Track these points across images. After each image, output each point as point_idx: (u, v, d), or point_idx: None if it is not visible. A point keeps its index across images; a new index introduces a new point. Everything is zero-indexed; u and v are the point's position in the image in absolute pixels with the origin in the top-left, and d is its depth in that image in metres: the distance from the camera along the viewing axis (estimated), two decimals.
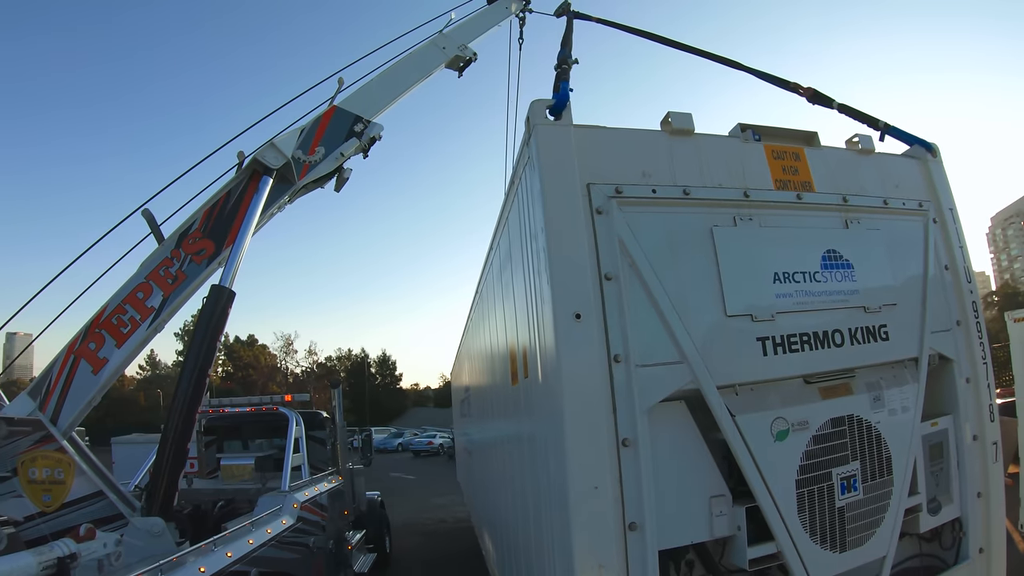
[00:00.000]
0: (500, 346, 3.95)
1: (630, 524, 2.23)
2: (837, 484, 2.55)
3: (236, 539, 3.97)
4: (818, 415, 2.59)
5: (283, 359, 68.26)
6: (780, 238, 2.76)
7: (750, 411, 2.48)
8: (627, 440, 2.28)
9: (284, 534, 4.77)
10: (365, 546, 8.24)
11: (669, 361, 2.42)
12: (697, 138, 2.80)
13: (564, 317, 2.29)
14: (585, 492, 2.19)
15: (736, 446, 2.42)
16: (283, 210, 5.54)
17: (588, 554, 2.16)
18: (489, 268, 4.39)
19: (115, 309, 4.29)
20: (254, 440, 7.74)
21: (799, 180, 2.91)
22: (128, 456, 13.15)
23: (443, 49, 6.78)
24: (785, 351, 2.62)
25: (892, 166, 3.16)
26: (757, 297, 2.62)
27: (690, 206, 2.66)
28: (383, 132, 6.02)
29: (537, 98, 2.61)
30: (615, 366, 2.33)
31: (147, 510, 3.93)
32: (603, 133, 2.65)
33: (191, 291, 4.53)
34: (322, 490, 6.34)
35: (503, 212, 3.60)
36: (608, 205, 2.50)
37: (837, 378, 2.70)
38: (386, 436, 39.04)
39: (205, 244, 4.61)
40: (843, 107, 3.58)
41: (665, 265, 2.52)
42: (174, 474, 4.00)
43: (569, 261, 2.36)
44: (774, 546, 2.42)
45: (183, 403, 4.04)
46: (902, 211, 3.04)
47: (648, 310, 2.44)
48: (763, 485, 2.42)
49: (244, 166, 4.93)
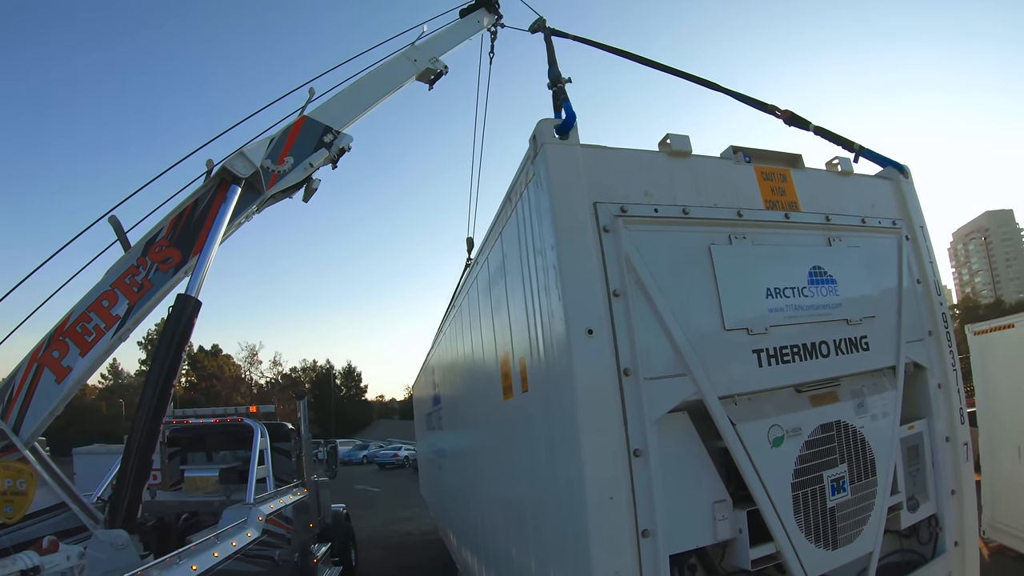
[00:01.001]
0: (487, 360, 3.96)
1: (643, 531, 2.33)
2: (828, 486, 2.72)
3: (201, 552, 4.00)
4: (809, 422, 2.75)
5: (248, 369, 68.16)
6: (771, 255, 2.93)
7: (749, 420, 2.62)
8: (638, 450, 2.38)
9: (249, 547, 4.78)
10: (330, 559, 8.19)
11: (674, 374, 2.53)
12: (694, 159, 2.94)
13: (577, 333, 2.38)
14: (601, 502, 2.27)
15: (737, 453, 2.55)
16: (251, 219, 5.55)
17: (605, 562, 2.24)
18: (474, 282, 4.41)
19: (79, 317, 4.25)
20: (218, 452, 7.67)
21: (786, 200, 3.09)
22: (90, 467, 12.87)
23: (414, 61, 6.89)
24: (778, 362, 2.78)
25: (868, 186, 3.39)
26: (752, 311, 2.77)
27: (689, 225, 2.80)
28: (352, 143, 6.08)
29: (544, 117, 2.71)
30: (625, 379, 2.43)
31: (111, 522, 3.90)
32: (607, 153, 2.76)
33: (157, 300, 4.52)
34: (287, 502, 6.37)
35: (494, 228, 3.66)
36: (614, 223, 2.60)
37: (824, 387, 2.88)
38: (351, 448, 38.70)
39: (172, 252, 4.60)
40: (819, 129, 3.79)
41: (667, 281, 2.63)
42: (138, 486, 3.98)
43: (581, 278, 2.45)
44: (773, 546, 2.55)
45: (147, 413, 4.01)
46: (878, 229, 3.27)
47: (654, 325, 2.55)
48: (763, 489, 2.55)
49: (212, 174, 4.95)
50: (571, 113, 2.74)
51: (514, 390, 3.25)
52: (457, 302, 5.47)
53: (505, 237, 3.33)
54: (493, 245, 3.70)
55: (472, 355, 4.67)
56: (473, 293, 4.50)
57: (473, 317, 4.51)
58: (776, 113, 3.99)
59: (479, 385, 4.31)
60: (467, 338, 4.88)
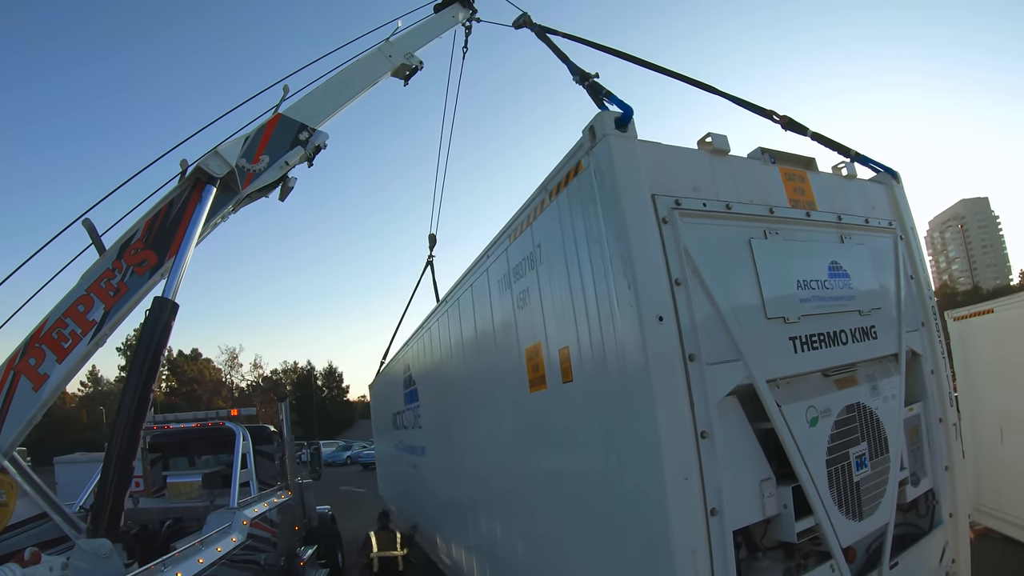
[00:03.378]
0: (505, 355, 3.94)
1: (711, 510, 2.43)
2: (853, 462, 2.95)
3: (185, 559, 3.97)
4: (836, 403, 2.98)
5: (228, 373, 67.57)
6: (798, 251, 3.14)
7: (790, 402, 2.79)
8: (704, 432, 2.48)
9: (234, 552, 4.72)
10: (317, 561, 8.08)
11: (729, 359, 2.66)
12: (730, 158, 3.10)
13: (649, 320, 2.45)
14: (678, 484, 2.35)
15: (783, 433, 2.71)
16: (227, 220, 5.43)
17: (683, 541, 2.33)
18: (481, 277, 4.36)
19: (55, 323, 4.15)
20: (201, 456, 7.51)
21: (806, 200, 3.32)
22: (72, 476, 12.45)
23: (389, 57, 6.84)
24: (809, 348, 2.99)
25: (868, 190, 3.71)
26: (787, 302, 2.97)
27: (731, 220, 2.95)
28: (328, 140, 6.01)
29: (603, 111, 2.78)
30: (690, 364, 2.52)
31: (93, 531, 3.85)
32: (659, 148, 2.86)
33: (133, 303, 4.41)
34: (271, 505, 6.28)
35: (517, 221, 3.66)
36: (672, 215, 2.70)
37: (845, 371, 3.13)
38: (334, 449, 37.95)
39: (147, 255, 4.51)
40: (816, 135, 4.07)
41: (717, 272, 2.76)
42: (120, 493, 3.93)
43: (649, 267, 2.53)
44: (813, 520, 2.74)
45: (127, 420, 3.95)
46: (878, 229, 3.58)
47: (711, 313, 2.67)
48: (804, 466, 2.73)
49: (187, 175, 4.85)
50: (628, 107, 2.81)
51: (549, 382, 3.27)
52: (451, 299, 5.39)
53: (538, 228, 3.35)
54: (516, 237, 3.70)
55: (477, 350, 4.63)
56: (479, 288, 4.45)
57: (481, 312, 4.47)
58: (774, 118, 4.17)
59: (492, 380, 4.28)
60: (468, 334, 4.82)
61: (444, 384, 5.92)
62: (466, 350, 4.97)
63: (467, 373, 4.97)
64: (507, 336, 3.87)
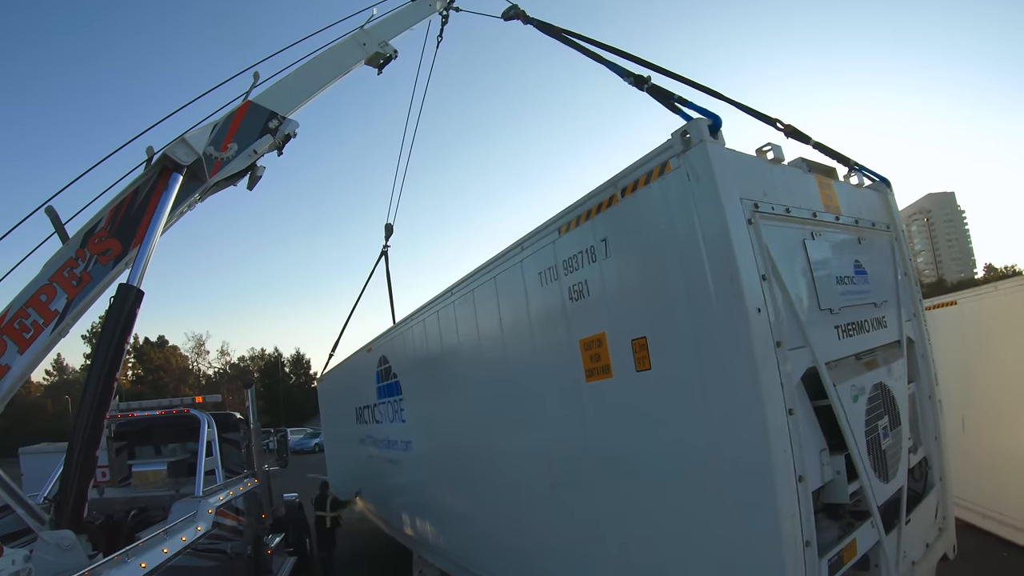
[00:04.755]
0: (550, 346, 4.05)
1: (799, 477, 2.77)
2: (881, 433, 3.44)
3: (149, 549, 4.00)
4: (868, 382, 3.44)
5: (195, 360, 67.03)
6: (834, 250, 3.58)
7: (840, 382, 3.21)
8: (792, 410, 2.81)
9: (199, 541, 4.76)
10: (285, 550, 8.13)
11: (800, 345, 3.02)
12: (783, 167, 3.47)
13: (752, 311, 2.73)
14: (780, 455, 2.66)
15: (837, 409, 3.11)
16: (193, 208, 5.35)
17: (785, 507, 2.64)
18: (516, 267, 4.44)
19: (16, 313, 4.07)
20: (167, 445, 7.38)
21: (834, 205, 3.77)
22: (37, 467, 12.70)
23: (363, 45, 6.79)
24: (846, 336, 3.44)
25: (870, 197, 4.26)
26: (831, 295, 3.39)
27: (790, 222, 3.32)
28: (299, 129, 5.93)
29: (697, 117, 3.03)
30: (778, 350, 2.84)
31: (56, 523, 3.87)
32: (737, 155, 3.15)
33: (97, 293, 4.37)
34: (237, 494, 6.32)
35: (571, 214, 3.76)
36: (754, 217, 3.00)
37: (870, 356, 3.62)
38: (302, 437, 36.70)
39: (111, 244, 4.46)
40: (818, 144, 4.54)
41: (786, 269, 3.11)
42: (83, 483, 3.95)
43: (747, 262, 2.81)
44: (858, 483, 3.18)
45: (90, 408, 3.96)
46: (881, 232, 4.14)
47: (786, 304, 3.00)
48: (852, 437, 3.16)
49: (153, 162, 4.79)
50: (716, 116, 3.07)
51: (615, 371, 3.47)
52: (461, 290, 5.40)
53: (604, 223, 3.51)
54: (567, 231, 3.84)
55: (503, 341, 4.69)
56: (509, 280, 4.52)
57: (511, 303, 4.55)
58: (777, 126, 4.54)
59: (528, 371, 4.38)
60: (491, 325, 4.87)
61: (448, 376, 5.92)
62: (485, 341, 5.02)
63: (488, 364, 5.02)
64: (553, 327, 4.00)
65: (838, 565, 2.98)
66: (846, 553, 3.06)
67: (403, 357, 7.23)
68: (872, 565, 3.34)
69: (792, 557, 2.65)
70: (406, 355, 7.12)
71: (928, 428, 4.06)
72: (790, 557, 2.63)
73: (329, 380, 12.35)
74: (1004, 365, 6.23)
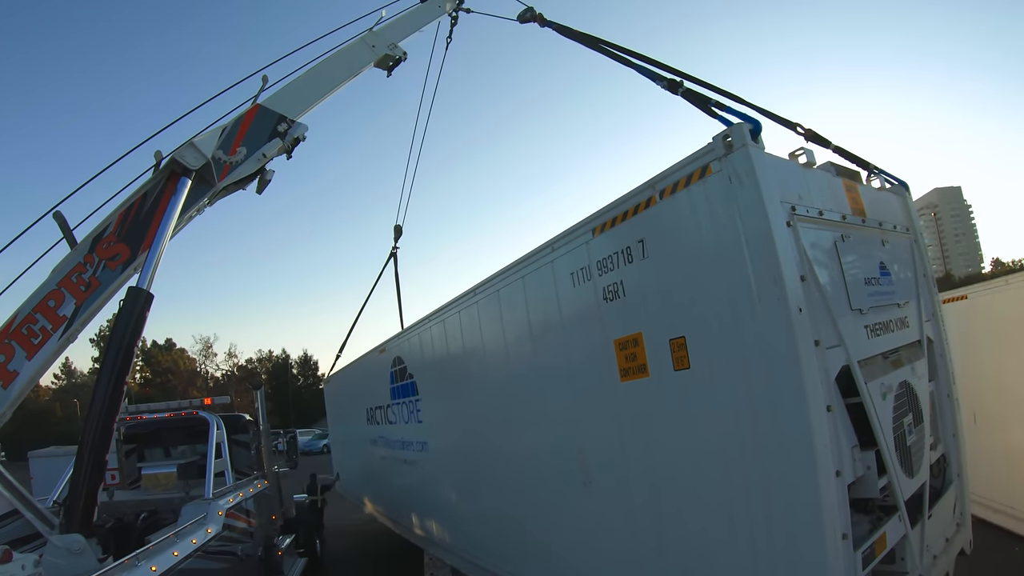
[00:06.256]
0: (584, 346, 4.07)
1: (836, 472, 2.86)
2: (906, 429, 3.55)
3: (160, 552, 4.00)
4: (894, 380, 3.55)
5: (203, 363, 67.66)
6: (861, 252, 3.68)
7: (870, 380, 3.31)
8: (830, 406, 2.90)
9: (210, 543, 4.76)
10: (296, 551, 8.16)
11: (836, 344, 3.11)
12: (815, 170, 3.56)
13: (795, 312, 2.81)
14: (822, 450, 2.75)
15: (868, 406, 3.21)
16: (202, 212, 5.36)
17: (827, 502, 2.73)
18: (547, 268, 4.47)
19: (25, 319, 4.09)
20: (176, 447, 7.30)
21: (859, 208, 3.87)
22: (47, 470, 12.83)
23: (372, 47, 6.80)
24: (874, 335, 3.54)
25: (890, 199, 4.37)
26: (861, 295, 3.49)
27: (823, 224, 3.40)
28: (307, 132, 5.96)
29: (738, 122, 3.10)
30: (816, 349, 2.93)
31: (66, 527, 3.87)
32: (775, 158, 3.23)
33: (105, 299, 4.38)
34: (247, 495, 6.33)
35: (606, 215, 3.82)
36: (793, 219, 3.09)
37: (895, 354, 3.72)
38: (311, 438, 36.72)
39: (120, 249, 4.48)
40: (838, 148, 4.63)
41: (821, 270, 3.20)
42: (93, 487, 3.95)
43: (790, 264, 2.89)
44: (886, 478, 3.28)
45: (100, 411, 3.97)
46: (901, 234, 4.25)
47: (823, 304, 3.09)
48: (881, 434, 3.26)
49: (162, 167, 4.79)
50: (756, 120, 3.15)
51: (652, 371, 3.53)
52: (485, 291, 5.44)
53: (641, 224, 3.56)
54: (601, 232, 3.90)
55: (532, 341, 4.75)
56: (539, 280, 4.57)
57: (540, 304, 4.60)
58: (798, 130, 4.64)
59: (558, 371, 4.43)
60: (518, 326, 4.91)
61: (470, 376, 5.95)
62: (512, 341, 5.07)
63: (515, 364, 5.07)
64: (586, 327, 4.05)
65: (870, 557, 3.08)
66: (877, 546, 3.16)
67: (420, 357, 7.24)
68: (898, 559, 3.45)
69: (833, 551, 2.73)
70: (423, 355, 7.12)
71: (947, 426, 4.19)
72: (831, 551, 2.72)
73: (337, 381, 12.33)
74: (1016, 359, 6.27)
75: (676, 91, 4.31)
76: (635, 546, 3.75)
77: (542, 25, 6.87)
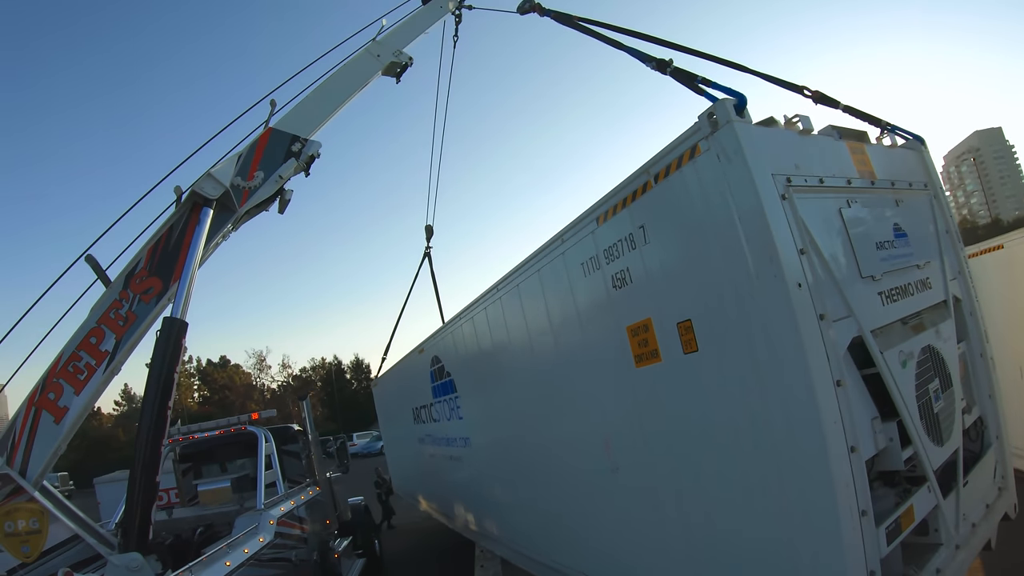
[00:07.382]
0: (602, 334, 4.05)
1: (851, 447, 2.78)
2: (932, 396, 3.41)
3: (213, 563, 4.15)
4: (915, 346, 3.41)
5: (258, 376, 69.13)
6: (872, 215, 3.53)
7: (887, 348, 3.19)
8: (840, 381, 2.81)
9: (263, 551, 4.89)
10: (354, 552, 8.37)
11: (845, 316, 3.01)
12: (814, 136, 3.42)
13: (793, 288, 2.73)
14: (831, 427, 2.68)
15: (886, 376, 3.10)
16: (228, 238, 5.54)
17: (839, 478, 2.66)
18: (559, 259, 4.46)
19: (70, 357, 4.30)
20: (232, 461, 7.64)
21: (867, 170, 3.70)
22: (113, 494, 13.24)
23: (378, 57, 6.84)
24: (891, 301, 3.40)
25: (905, 156, 4.16)
26: (872, 261, 3.35)
27: (825, 192, 3.28)
28: (322, 149, 6.05)
29: (723, 97, 3.01)
30: (821, 323, 2.84)
31: (124, 546, 4.02)
32: (766, 130, 3.13)
33: (143, 330, 4.60)
34: (299, 503, 6.50)
35: (608, 203, 3.77)
36: (788, 191, 2.99)
37: (916, 319, 3.57)
38: (368, 440, 38.70)
39: (152, 282, 4.69)
40: (848, 108, 4.44)
41: (824, 240, 3.09)
42: (146, 506, 4.10)
43: (784, 239, 2.80)
44: (911, 449, 3.17)
45: (147, 435, 4.16)
46: (919, 191, 4.05)
47: (827, 276, 2.99)
48: (903, 403, 3.14)
49: (183, 200, 4.97)
50: (740, 94, 3.05)
51: (664, 355, 3.49)
52: (506, 286, 5.47)
53: (640, 209, 3.51)
54: (605, 220, 3.85)
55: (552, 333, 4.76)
56: (553, 273, 4.56)
57: (556, 296, 4.60)
58: (805, 93, 4.48)
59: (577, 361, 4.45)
60: (538, 318, 4.93)
61: (500, 371, 6.01)
62: (535, 334, 5.08)
63: (539, 356, 5.08)
64: (600, 316, 4.04)
65: (896, 532, 2.99)
66: (904, 520, 3.07)
67: (455, 355, 7.35)
68: (931, 530, 3.34)
69: (848, 528, 2.67)
70: (457, 353, 7.23)
71: (982, 387, 4.00)
72: (847, 528, 2.66)
73: (384, 383, 12.63)
74: None
75: (665, 71, 4.19)
76: (663, 535, 3.75)
77: (541, 14, 6.79)
